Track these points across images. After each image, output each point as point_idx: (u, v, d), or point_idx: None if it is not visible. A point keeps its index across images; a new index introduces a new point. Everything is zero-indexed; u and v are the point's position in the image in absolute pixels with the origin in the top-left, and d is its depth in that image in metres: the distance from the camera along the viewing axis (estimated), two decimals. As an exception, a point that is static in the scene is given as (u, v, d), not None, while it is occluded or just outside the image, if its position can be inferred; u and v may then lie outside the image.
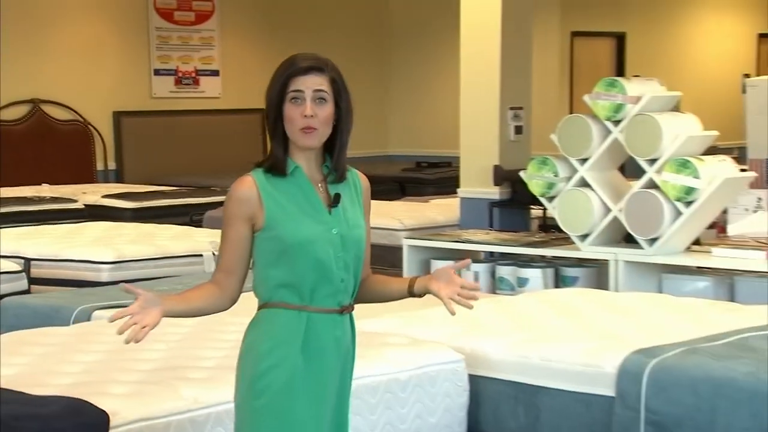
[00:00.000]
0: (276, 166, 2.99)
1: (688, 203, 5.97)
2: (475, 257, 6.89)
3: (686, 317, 4.89)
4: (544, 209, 6.87)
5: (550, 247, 6.64)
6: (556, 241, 6.71)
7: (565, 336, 4.61)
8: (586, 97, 6.41)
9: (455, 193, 8.31)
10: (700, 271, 6.10)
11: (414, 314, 4.95)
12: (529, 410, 4.28)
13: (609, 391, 4.11)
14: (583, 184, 6.34)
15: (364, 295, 3.13)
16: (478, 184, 7.92)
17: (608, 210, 6.26)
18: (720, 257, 6.05)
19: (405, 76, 14.23)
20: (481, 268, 6.81)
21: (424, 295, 3.08)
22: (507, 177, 7.58)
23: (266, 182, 2.99)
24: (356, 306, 3.04)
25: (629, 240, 6.23)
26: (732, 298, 5.84)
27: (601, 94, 6.26)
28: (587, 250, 6.36)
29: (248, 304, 3.04)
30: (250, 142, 13.15)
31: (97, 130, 12.34)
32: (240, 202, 2.98)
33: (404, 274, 7.00)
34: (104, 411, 3.31)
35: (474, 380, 4.35)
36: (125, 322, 2.85)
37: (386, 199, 10.48)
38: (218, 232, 8.22)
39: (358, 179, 3.14)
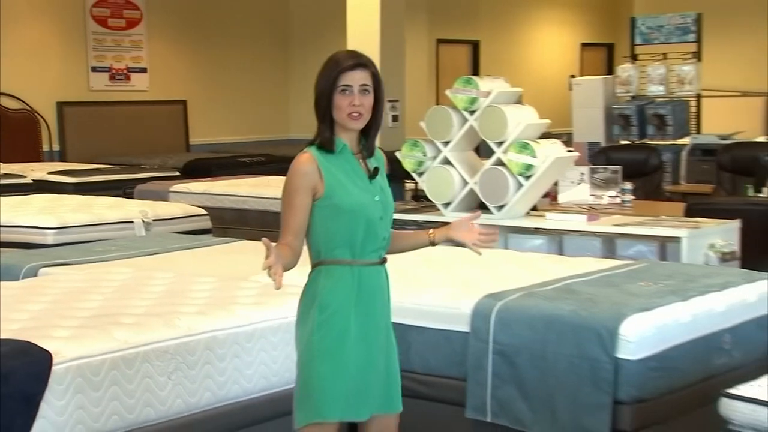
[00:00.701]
0: (326, 143, 3.02)
1: (528, 177, 6.08)
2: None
3: (526, 268, 4.97)
4: (416, 183, 6.92)
5: (421, 213, 6.67)
6: (425, 208, 6.78)
7: (431, 284, 4.65)
8: (447, 92, 6.47)
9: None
10: (536, 231, 6.22)
11: (307, 268, 5.00)
12: (402, 344, 4.26)
13: (465, 328, 4.15)
14: (446, 162, 6.41)
15: (391, 249, 3.21)
16: (365, 160, 7.98)
17: (466, 183, 6.35)
18: (552, 220, 6.20)
19: (304, 71, 14.12)
20: (365, 230, 6.86)
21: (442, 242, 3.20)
22: (386, 156, 7.65)
23: (322, 158, 3.02)
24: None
25: (482, 207, 6.32)
26: (561, 252, 5.96)
27: (459, 89, 6.34)
28: (449, 215, 6.41)
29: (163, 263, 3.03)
30: (173, 128, 13.18)
31: (43, 118, 12.14)
32: (305, 175, 3.00)
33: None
34: (48, 351, 3.30)
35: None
36: (274, 273, 2.87)
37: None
38: (146, 202, 8.09)
39: (381, 155, 3.19)
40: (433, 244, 3.26)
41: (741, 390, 3.06)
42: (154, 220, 7.22)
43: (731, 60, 12.91)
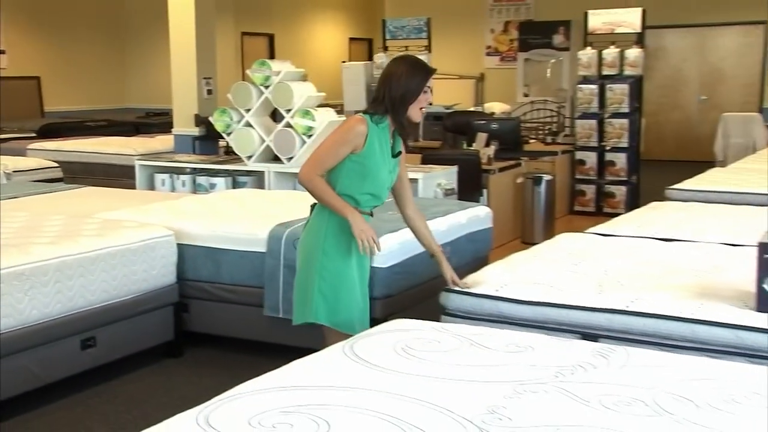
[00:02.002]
0: (403, 129, 2.89)
1: (310, 136, 6.07)
2: (182, 171, 6.70)
3: (308, 204, 4.94)
4: (226, 141, 6.77)
5: (230, 164, 6.55)
6: (233, 161, 6.63)
7: (237, 216, 4.56)
8: (248, 71, 6.35)
9: (171, 132, 8.08)
10: (317, 176, 6.23)
11: (140, 208, 4.79)
12: (214, 263, 4.25)
13: (262, 249, 4.10)
14: (248, 125, 6.29)
15: (409, 227, 3.14)
16: (185, 125, 7.79)
17: (263, 141, 6.26)
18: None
19: (139, 51, 13.61)
20: (187, 178, 6.64)
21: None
22: (203, 121, 7.47)
23: (372, 126, 2.84)
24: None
25: (276, 159, 6.28)
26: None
27: (257, 69, 6.23)
28: (252, 166, 6.35)
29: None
30: (29, 99, 12.17)
31: None
32: (358, 134, 2.82)
33: (137, 185, 6.79)
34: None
35: (180, 247, 4.24)
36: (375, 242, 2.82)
37: (125, 136, 10.00)
38: (7, 157, 7.46)
39: (400, 139, 3.00)
40: (432, 256, 3.15)
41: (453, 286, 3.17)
42: (14, 172, 6.96)
43: (452, 52, 13.34)
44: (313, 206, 3.04)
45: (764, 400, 2.02)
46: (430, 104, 2.91)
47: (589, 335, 2.85)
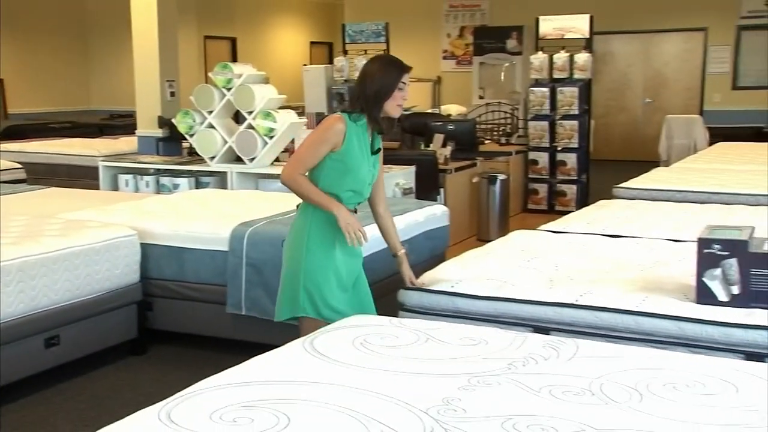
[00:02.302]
0: (378, 125, 2.86)
1: (271, 137, 6.04)
2: (145, 172, 6.61)
3: (270, 203, 4.90)
4: (189, 142, 6.70)
5: (193, 165, 6.48)
6: (196, 162, 6.56)
7: (200, 216, 4.52)
8: (210, 74, 6.28)
9: (135, 133, 7.97)
10: (278, 176, 6.16)
11: (103, 208, 4.72)
12: (178, 262, 4.22)
13: (225, 248, 4.08)
14: (211, 126, 6.23)
15: (378, 224, 3.11)
16: (149, 127, 7.71)
17: (226, 142, 6.21)
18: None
19: (101, 55, 13.42)
20: (150, 179, 6.55)
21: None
22: (166, 123, 7.40)
23: (350, 124, 2.83)
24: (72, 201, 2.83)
25: (238, 159, 6.23)
26: (296, 191, 5.97)
27: (219, 72, 6.17)
28: (215, 166, 6.29)
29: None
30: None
31: None
32: (336, 132, 2.81)
33: (101, 185, 6.68)
34: None
35: (144, 246, 4.21)
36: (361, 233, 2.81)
37: (89, 137, 9.84)
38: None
39: (380, 140, 2.98)
40: (394, 255, 3.13)
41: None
42: (-22, 173, 6.73)
43: (409, 56, 13.32)
44: (298, 206, 3.03)
45: (704, 387, 2.07)
46: (404, 102, 2.86)
47: (541, 328, 2.88)
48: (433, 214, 4.65)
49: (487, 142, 9.36)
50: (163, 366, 4.06)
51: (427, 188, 6.20)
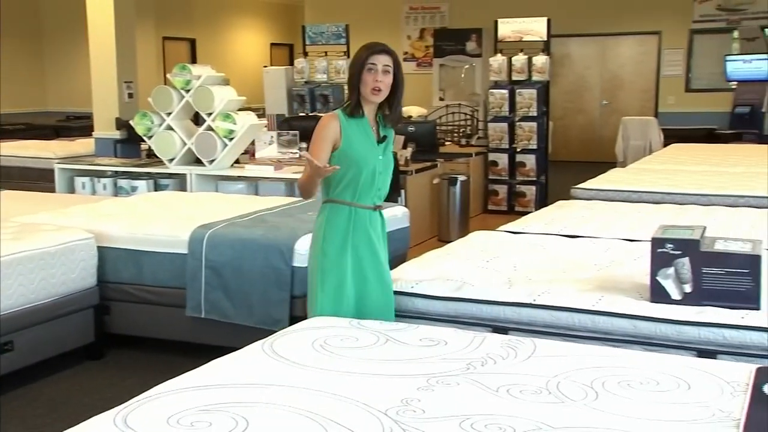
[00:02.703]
0: (353, 110, 2.79)
1: (231, 139, 6.00)
2: (103, 175, 6.51)
3: (230, 206, 4.89)
4: (148, 144, 6.61)
5: (152, 167, 6.40)
6: (155, 163, 6.48)
7: (159, 218, 4.48)
8: (169, 75, 6.21)
9: (92, 135, 7.84)
10: (239, 178, 6.15)
11: (59, 211, 4.64)
12: (136, 265, 4.17)
13: (184, 250, 4.05)
14: (169, 128, 6.16)
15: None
16: (106, 129, 7.61)
17: (185, 143, 6.14)
18: (250, 170, 6.12)
19: (57, 57, 13.16)
20: (108, 181, 6.45)
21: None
22: (124, 124, 7.30)
23: (344, 119, 2.79)
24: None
25: (198, 161, 6.18)
26: (256, 193, 5.94)
27: (177, 73, 6.10)
28: (174, 168, 6.22)
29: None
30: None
31: None
32: (330, 129, 2.76)
33: (57, 188, 6.56)
34: None
35: (101, 250, 4.15)
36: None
37: (45, 140, 9.66)
38: None
39: (392, 131, 2.91)
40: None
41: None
42: (-72, 176, 6.52)
43: (372, 58, 13.38)
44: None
45: (657, 385, 2.11)
46: (378, 85, 2.74)
47: (500, 328, 2.90)
48: (394, 216, 4.66)
49: (447, 143, 9.41)
50: (120, 370, 4.00)
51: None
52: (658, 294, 2.77)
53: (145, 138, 6.33)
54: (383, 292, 2.91)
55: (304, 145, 7.10)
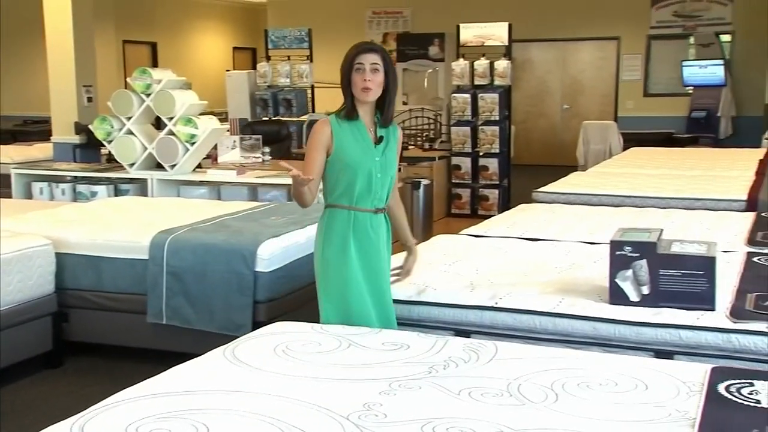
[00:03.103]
0: (348, 113, 2.76)
1: (192, 143, 5.94)
2: (62, 180, 6.40)
3: (193, 210, 4.84)
4: (108, 149, 6.52)
5: (112, 172, 6.31)
6: (115, 168, 6.39)
7: (119, 224, 4.38)
8: (129, 79, 6.14)
9: (50, 140, 7.72)
10: (201, 183, 6.09)
11: (16, 217, 4.55)
12: (95, 272, 4.10)
13: (145, 256, 4.00)
14: (129, 132, 6.08)
15: (389, 215, 2.91)
16: (65, 133, 7.51)
17: (146, 148, 6.07)
18: (213, 175, 6.06)
19: (14, 58, 12.89)
20: (67, 186, 6.34)
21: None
22: (83, 129, 7.20)
23: (337, 123, 2.76)
24: None
25: (159, 166, 6.10)
26: (219, 198, 5.88)
27: (137, 77, 6.03)
28: (134, 173, 6.14)
29: None
30: None
31: None
32: (322, 134, 2.74)
33: (13, 194, 6.43)
34: None
35: (60, 256, 4.07)
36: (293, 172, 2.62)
37: (1, 144, 9.47)
38: None
39: (397, 130, 2.87)
40: (408, 249, 3.03)
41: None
42: None
43: (334, 62, 13.33)
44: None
45: (616, 386, 2.14)
46: (367, 84, 2.71)
47: (462, 331, 2.92)
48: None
49: (410, 147, 9.44)
50: (79, 378, 3.93)
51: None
52: (617, 296, 2.81)
53: (104, 143, 6.24)
54: (385, 298, 2.87)
55: (267, 149, 7.08)
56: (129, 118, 6.05)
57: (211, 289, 3.84)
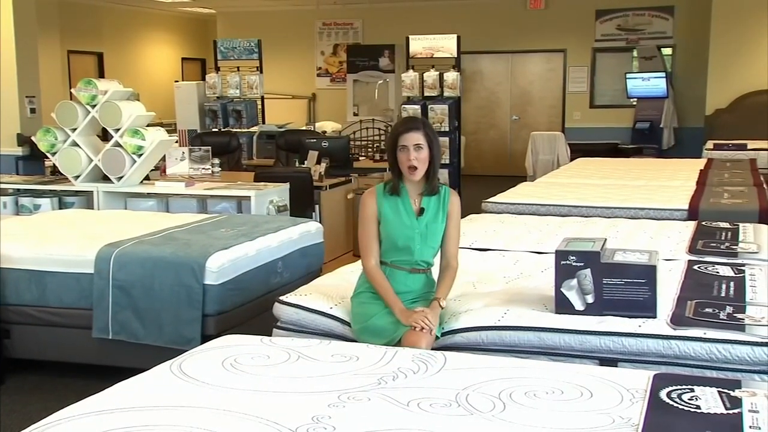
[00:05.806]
0: (393, 190, 2.94)
1: (140, 155, 5.85)
2: (3, 193, 6.24)
3: (140, 223, 4.77)
4: (53, 161, 6.38)
5: (57, 185, 6.17)
6: (60, 181, 6.24)
7: (64, 237, 4.32)
8: (73, 90, 6.02)
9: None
10: (149, 195, 5.98)
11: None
12: (39, 286, 4.00)
13: (90, 270, 3.92)
14: (74, 144, 5.95)
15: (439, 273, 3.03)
16: (7, 145, 7.37)
17: (91, 160, 5.95)
18: (161, 187, 5.96)
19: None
20: (9, 199, 6.18)
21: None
22: (26, 140, 7.06)
23: (381, 195, 2.94)
24: None
25: (105, 178, 5.99)
26: (167, 210, 5.80)
27: (82, 88, 5.90)
28: (80, 186, 6.01)
29: None
30: None
31: None
32: (369, 206, 2.93)
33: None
34: None
35: (1, 271, 3.97)
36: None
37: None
38: None
39: (448, 194, 3.01)
40: (431, 301, 2.98)
41: (287, 298, 3.17)
42: None
43: (284, 73, 13.35)
44: None
45: (562, 394, 2.17)
46: (412, 163, 2.88)
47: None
48: (308, 231, 4.65)
49: (361, 158, 9.47)
50: (22, 396, 3.83)
51: (302, 205, 6.19)
52: (563, 305, 2.86)
53: (48, 154, 6.10)
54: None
55: (217, 161, 7.02)
56: (74, 130, 5.93)
57: (159, 302, 3.78)
